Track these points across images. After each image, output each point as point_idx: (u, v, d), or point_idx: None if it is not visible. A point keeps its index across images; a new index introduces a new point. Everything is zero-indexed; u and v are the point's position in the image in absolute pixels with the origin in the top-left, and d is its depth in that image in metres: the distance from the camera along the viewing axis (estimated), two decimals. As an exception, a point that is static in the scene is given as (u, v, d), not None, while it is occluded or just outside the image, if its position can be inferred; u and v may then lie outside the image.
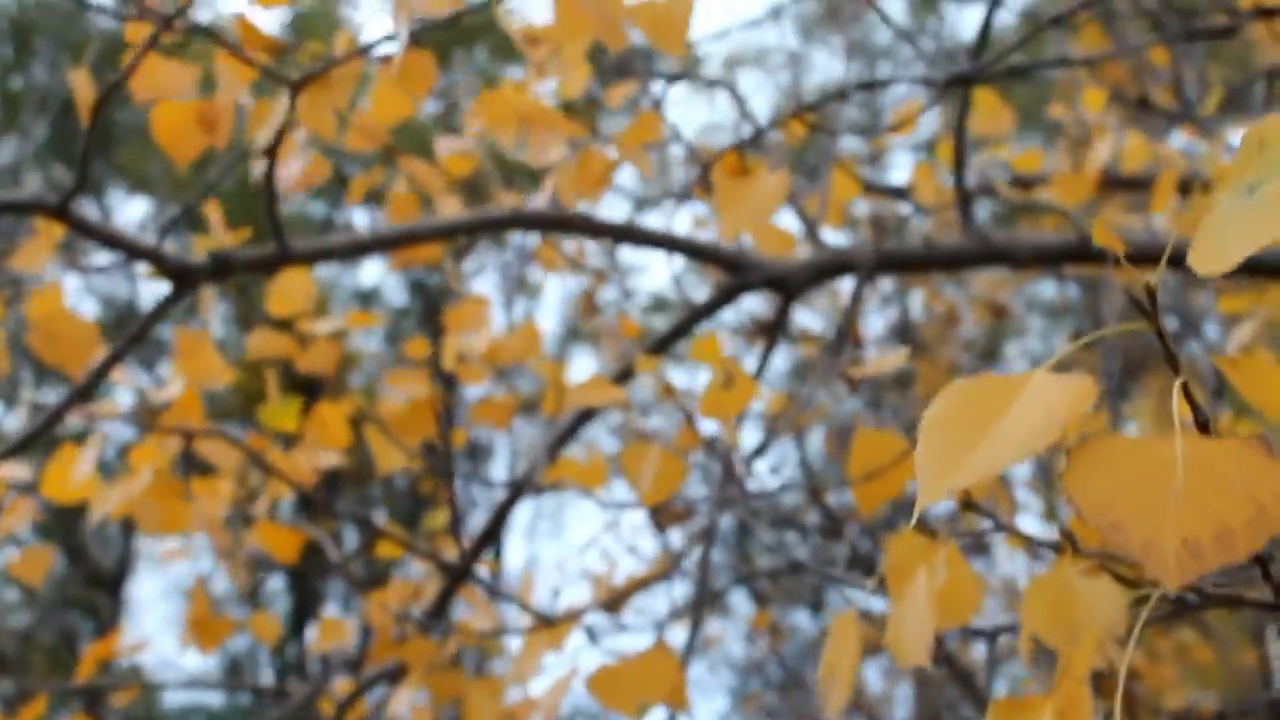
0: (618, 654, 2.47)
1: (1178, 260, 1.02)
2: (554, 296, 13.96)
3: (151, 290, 14.49)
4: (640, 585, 2.97)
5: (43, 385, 12.80)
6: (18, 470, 3.26)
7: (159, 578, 15.16)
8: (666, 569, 2.84)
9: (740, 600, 10.17)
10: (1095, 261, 3.44)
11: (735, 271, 3.24)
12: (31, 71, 14.57)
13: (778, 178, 2.45)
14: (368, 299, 13.97)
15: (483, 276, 12.58)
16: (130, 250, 2.80)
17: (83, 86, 2.71)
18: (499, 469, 12.57)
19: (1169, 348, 1.04)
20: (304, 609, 13.69)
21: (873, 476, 2.15)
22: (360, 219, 14.70)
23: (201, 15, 2.61)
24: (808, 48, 10.75)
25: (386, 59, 2.77)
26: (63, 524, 11.62)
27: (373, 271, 14.65)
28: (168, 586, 15.10)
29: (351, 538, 10.79)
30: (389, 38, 2.62)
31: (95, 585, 13.79)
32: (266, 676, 13.63)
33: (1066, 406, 0.91)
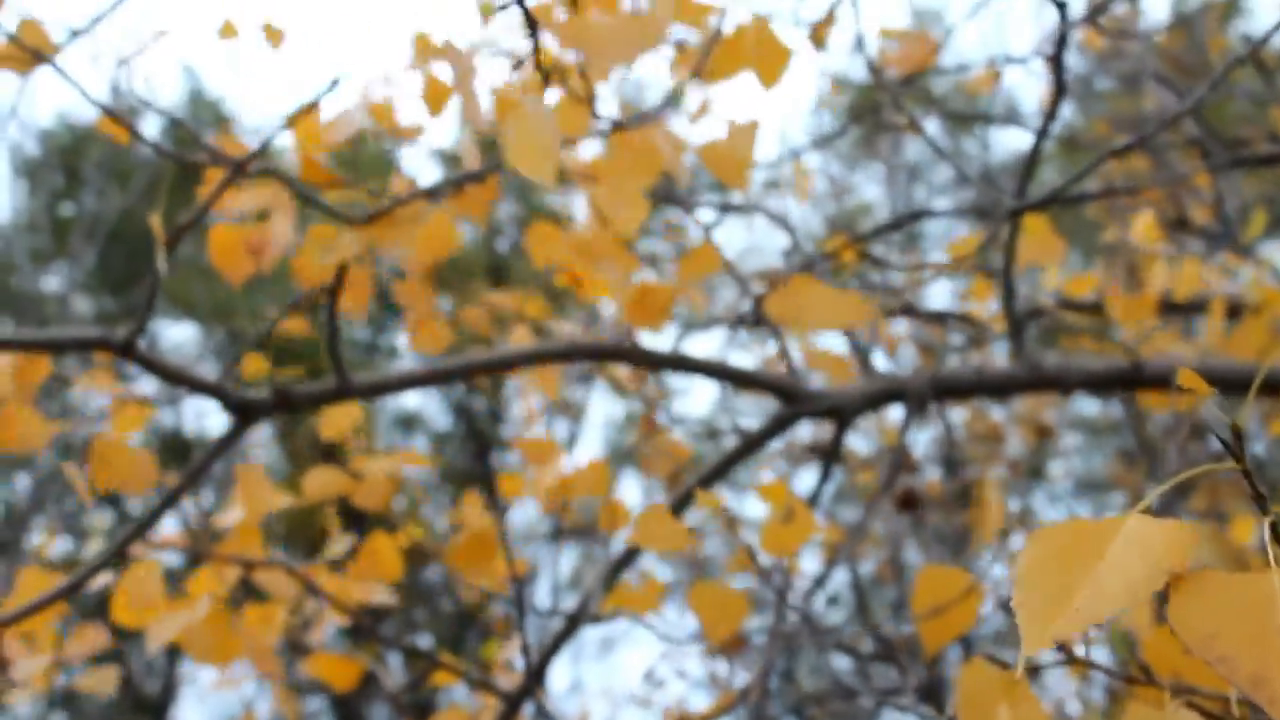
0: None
1: (1226, 383, 1.04)
2: (598, 417, 13.99)
3: (197, 414, 14.60)
4: (715, 714, 2.96)
5: (88, 511, 12.86)
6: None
7: (204, 705, 15.11)
8: (730, 704, 2.83)
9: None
10: (1148, 387, 3.45)
11: (789, 400, 3.26)
12: (80, 199, 14.79)
13: (846, 293, 2.49)
14: (411, 422, 14.03)
15: (524, 400, 12.59)
16: (194, 386, 2.85)
17: (156, 226, 2.77)
18: (542, 592, 12.54)
19: (1256, 488, 1.05)
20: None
21: (937, 614, 2.15)
22: (404, 342, 14.80)
23: (257, 142, 2.68)
24: (847, 171, 10.84)
25: (452, 191, 2.82)
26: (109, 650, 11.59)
27: (413, 398, 14.73)
28: (212, 714, 15.05)
29: (397, 662, 10.76)
30: (465, 178, 2.67)
31: (141, 712, 13.75)
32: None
33: (1167, 553, 0.92)
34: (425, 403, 14.65)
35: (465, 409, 14.20)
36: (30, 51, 2.52)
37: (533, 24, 1.67)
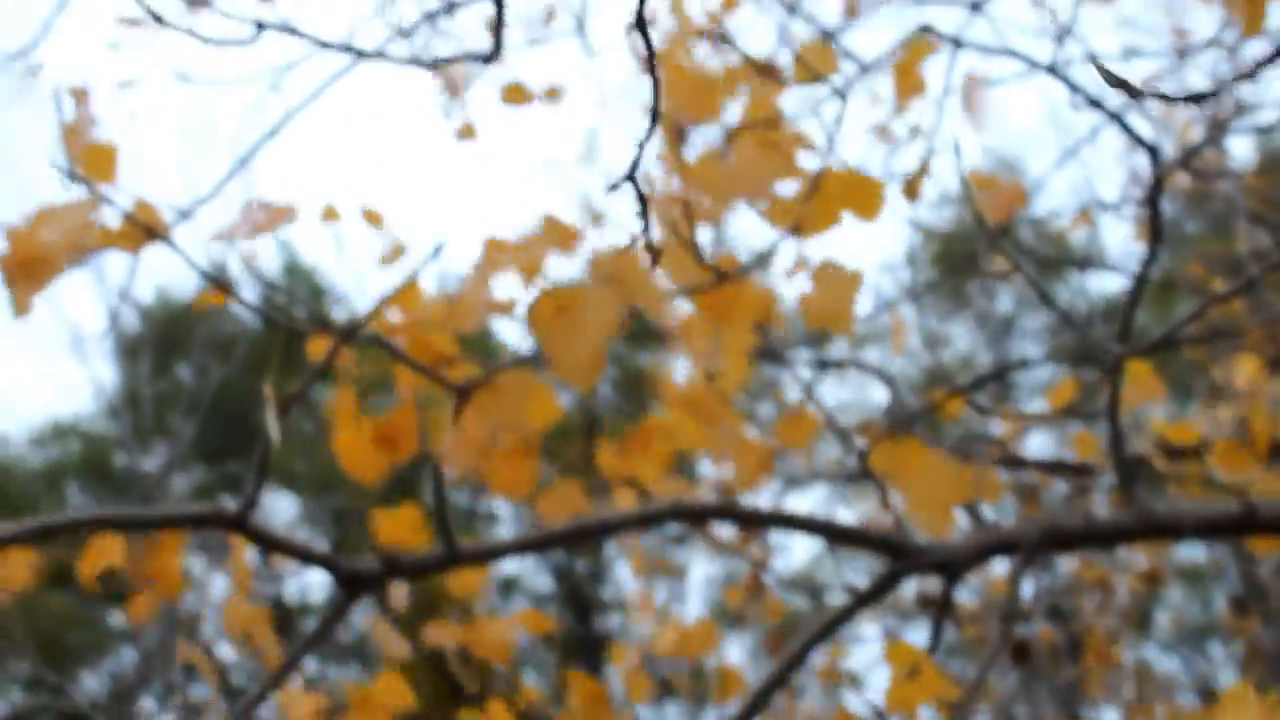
0: None
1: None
2: (698, 577, 13.91)
3: (301, 586, 14.66)
4: None
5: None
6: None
7: None
8: None
9: None
10: (1263, 532, 3.38)
11: (897, 555, 3.22)
12: (179, 375, 15.05)
13: (951, 463, 2.47)
14: (510, 585, 14.02)
15: (625, 561, 12.56)
16: (305, 558, 2.86)
17: (270, 394, 2.81)
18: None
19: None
20: None
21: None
22: (501, 508, 14.86)
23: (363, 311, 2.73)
24: (940, 323, 10.83)
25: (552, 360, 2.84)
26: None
27: (513, 561, 14.71)
28: None
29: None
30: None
31: None
32: None
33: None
34: (525, 565, 14.65)
35: (566, 571, 14.17)
36: (144, 230, 2.59)
37: (644, 203, 1.69)
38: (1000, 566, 5.59)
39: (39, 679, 12.15)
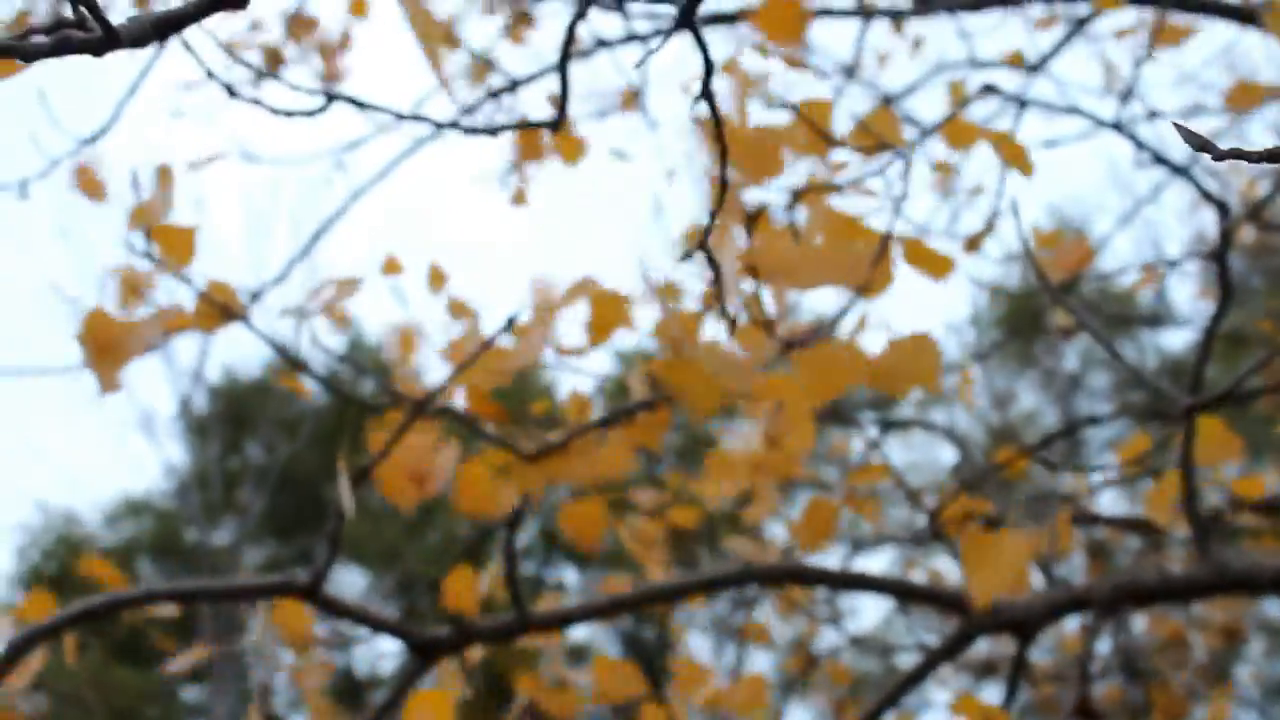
0: None
1: None
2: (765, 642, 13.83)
3: (372, 656, 14.69)
4: None
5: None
6: None
7: None
8: None
9: None
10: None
11: (968, 614, 3.21)
12: (248, 452, 15.18)
13: (1024, 537, 2.47)
14: (580, 653, 13.99)
15: (693, 628, 12.53)
16: (376, 626, 2.89)
17: (342, 467, 2.84)
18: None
19: None
20: None
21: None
22: (568, 575, 14.87)
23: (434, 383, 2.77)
24: (1006, 382, 10.79)
25: (624, 420, 2.86)
26: None
27: (583, 627, 14.70)
28: None
29: None
30: (636, 407, 2.72)
31: None
32: None
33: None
34: (594, 633, 14.61)
35: (635, 638, 14.13)
36: (220, 310, 2.63)
37: (716, 268, 1.71)
38: (1073, 624, 5.54)
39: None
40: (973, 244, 3.27)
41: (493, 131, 2.16)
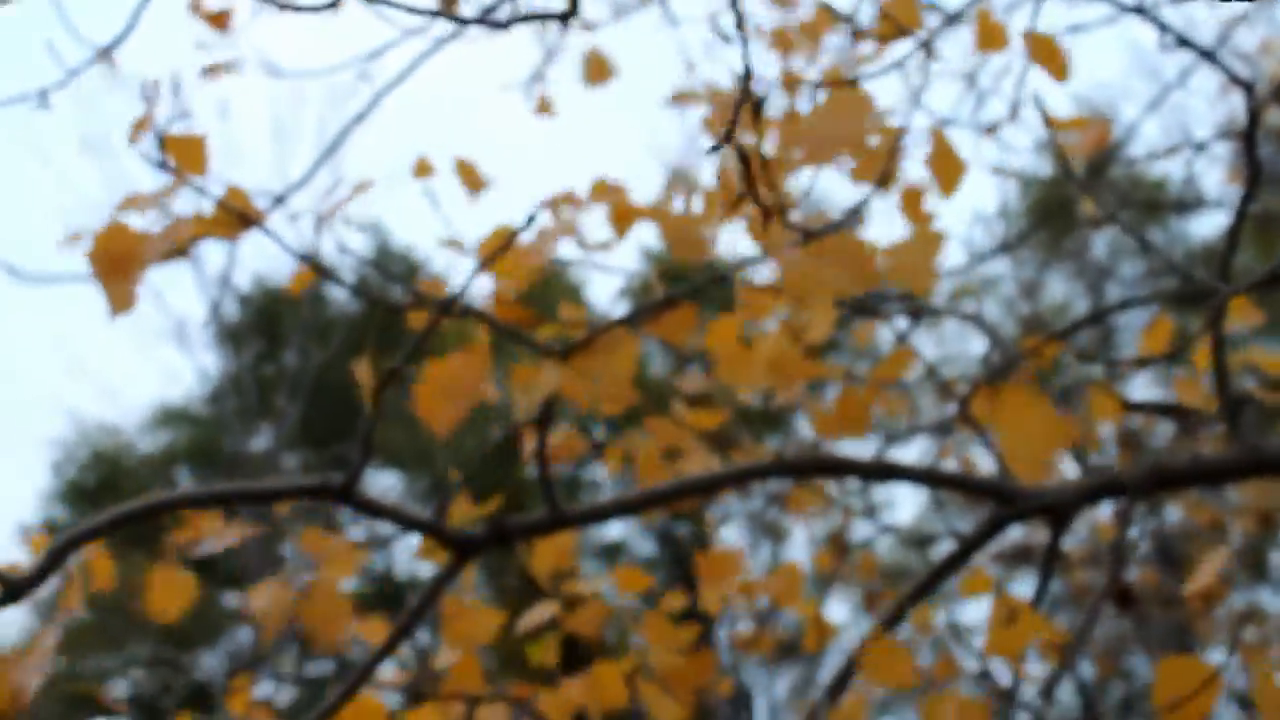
0: None
1: None
2: (801, 539, 13.90)
3: (408, 558, 14.83)
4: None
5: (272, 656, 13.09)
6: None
7: None
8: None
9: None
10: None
11: (1003, 501, 3.22)
12: (282, 359, 15.24)
13: (1051, 409, 2.46)
14: (614, 552, 14.10)
15: (729, 524, 12.61)
16: (411, 524, 2.91)
17: (365, 373, 2.85)
18: (760, 715, 12.42)
19: None
20: None
21: (1180, 705, 2.10)
22: (599, 474, 14.91)
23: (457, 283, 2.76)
24: (1035, 274, 10.74)
25: (648, 317, 2.87)
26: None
27: (617, 526, 14.80)
28: None
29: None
30: (660, 303, 2.72)
31: None
32: None
33: None
34: (628, 531, 14.71)
35: (669, 535, 14.22)
36: (239, 217, 2.63)
37: (746, 161, 1.70)
38: (1107, 511, 5.55)
39: (159, 659, 12.41)
40: (994, 130, 3.24)
41: (505, 25, 2.14)
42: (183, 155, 2.54)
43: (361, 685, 3.08)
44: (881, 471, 3.18)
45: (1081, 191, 3.05)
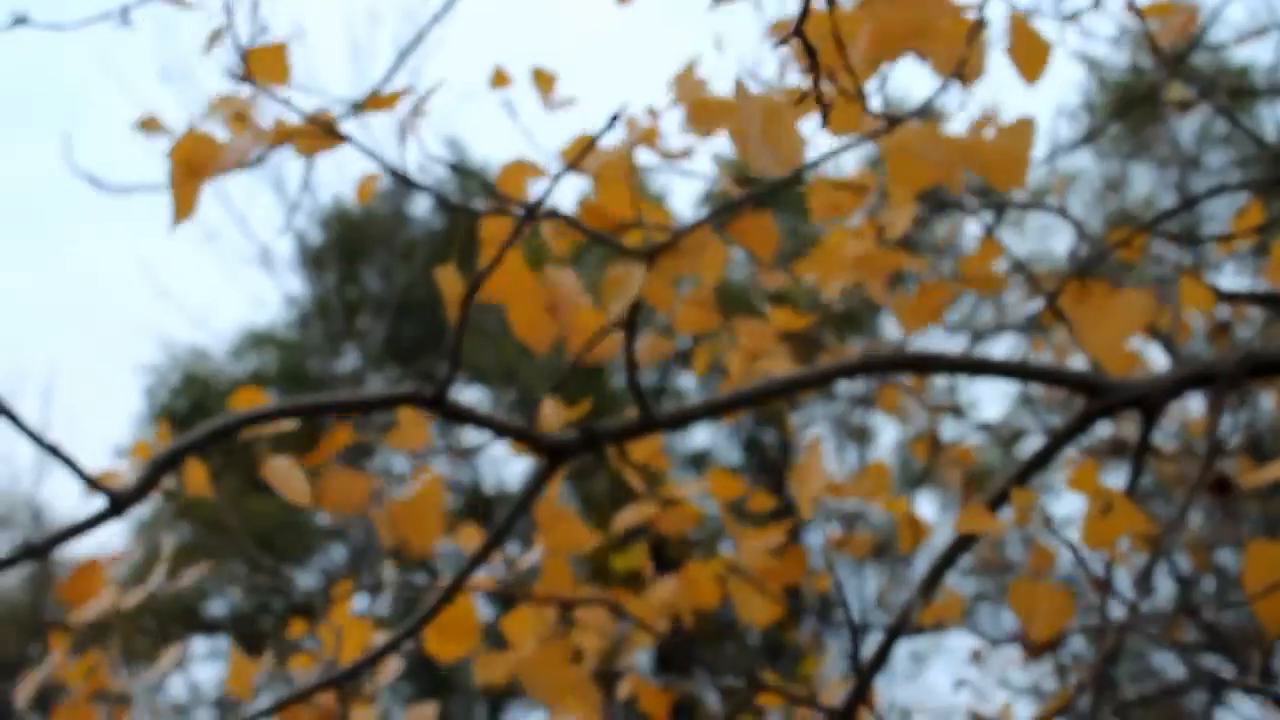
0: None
1: None
2: (887, 441, 13.90)
3: (495, 467, 14.97)
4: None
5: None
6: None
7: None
8: (1064, 703, 2.78)
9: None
10: None
11: (1092, 394, 3.20)
12: (365, 280, 15.35)
13: (1138, 295, 2.43)
14: (701, 460, 14.16)
15: (814, 428, 12.61)
16: (503, 431, 2.93)
17: (449, 283, 2.87)
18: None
19: None
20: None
21: (1271, 590, 2.09)
22: (686, 382, 14.95)
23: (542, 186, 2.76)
24: (1119, 166, 10.58)
25: (729, 218, 2.86)
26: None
27: (703, 434, 14.86)
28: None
29: (709, 699, 10.82)
30: (739, 201, 2.71)
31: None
32: None
33: None
34: (715, 440, 14.76)
35: (755, 442, 14.25)
36: (321, 127, 2.63)
37: (813, 54, 1.68)
38: (1198, 405, 5.50)
39: (255, 580, 12.63)
40: (1075, 18, 3.19)
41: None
42: (263, 67, 2.55)
43: (458, 591, 3.12)
44: (971, 366, 3.17)
45: (1169, 75, 3.00)
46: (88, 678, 3.33)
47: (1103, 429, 6.28)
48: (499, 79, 2.93)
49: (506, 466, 15.36)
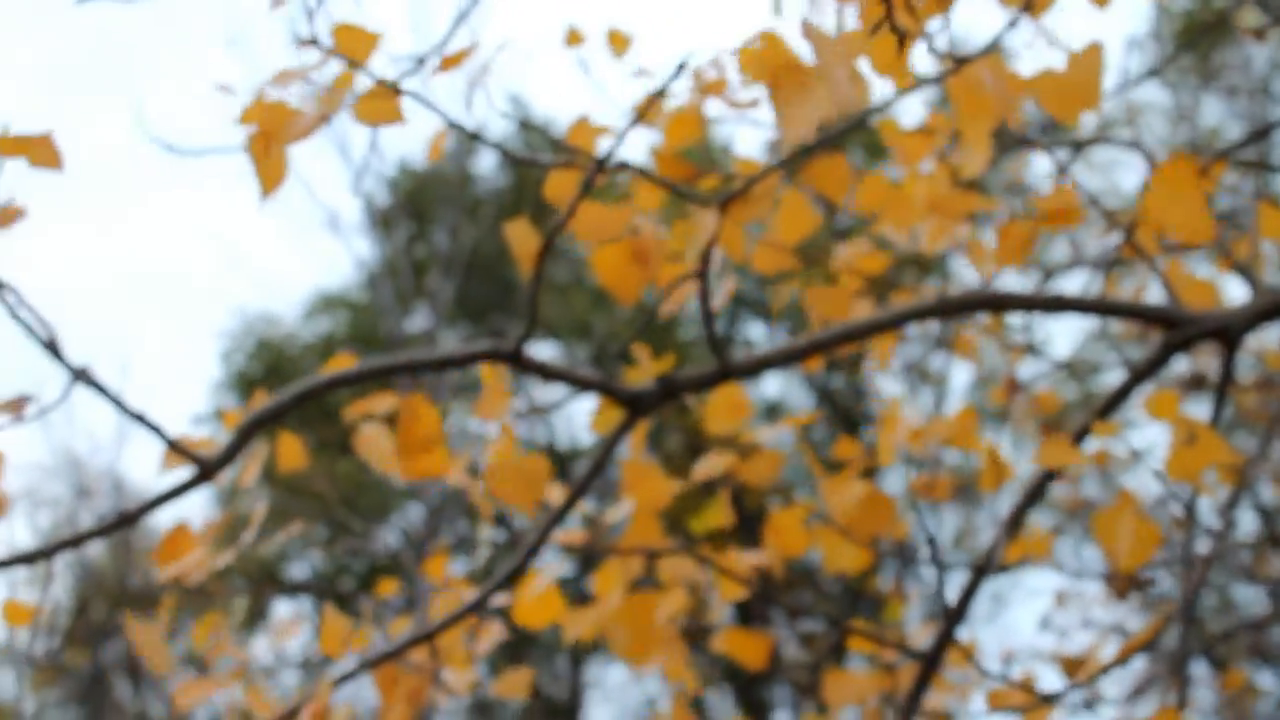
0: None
1: None
2: (960, 384, 13.81)
3: (568, 426, 15.03)
4: (1124, 657, 2.91)
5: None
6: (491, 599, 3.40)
7: (610, 705, 15.56)
8: (1148, 638, 2.78)
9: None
10: None
11: (1172, 327, 3.17)
12: (433, 239, 15.39)
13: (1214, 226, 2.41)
14: (774, 410, 14.14)
15: (886, 374, 12.56)
16: (583, 384, 2.95)
17: (521, 238, 2.88)
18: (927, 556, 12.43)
19: None
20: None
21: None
22: (756, 332, 14.95)
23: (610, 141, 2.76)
24: (1187, 98, 10.45)
25: (800, 165, 2.86)
26: (516, 660, 12.09)
27: (775, 384, 14.84)
28: (618, 714, 15.47)
29: (789, 647, 10.86)
30: (809, 149, 2.70)
31: (554, 717, 14.23)
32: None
33: None
34: (787, 389, 14.74)
35: (827, 390, 14.22)
36: (390, 92, 2.63)
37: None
38: (1277, 336, 5.44)
39: (337, 542, 12.75)
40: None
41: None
42: (345, 42, 2.55)
43: (541, 546, 3.15)
44: (1048, 303, 3.14)
45: (1241, 1, 2.96)
46: (207, 644, 3.39)
47: (1180, 365, 6.24)
48: (573, 37, 2.93)
49: (580, 424, 15.42)
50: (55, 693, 14.97)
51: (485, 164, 16.16)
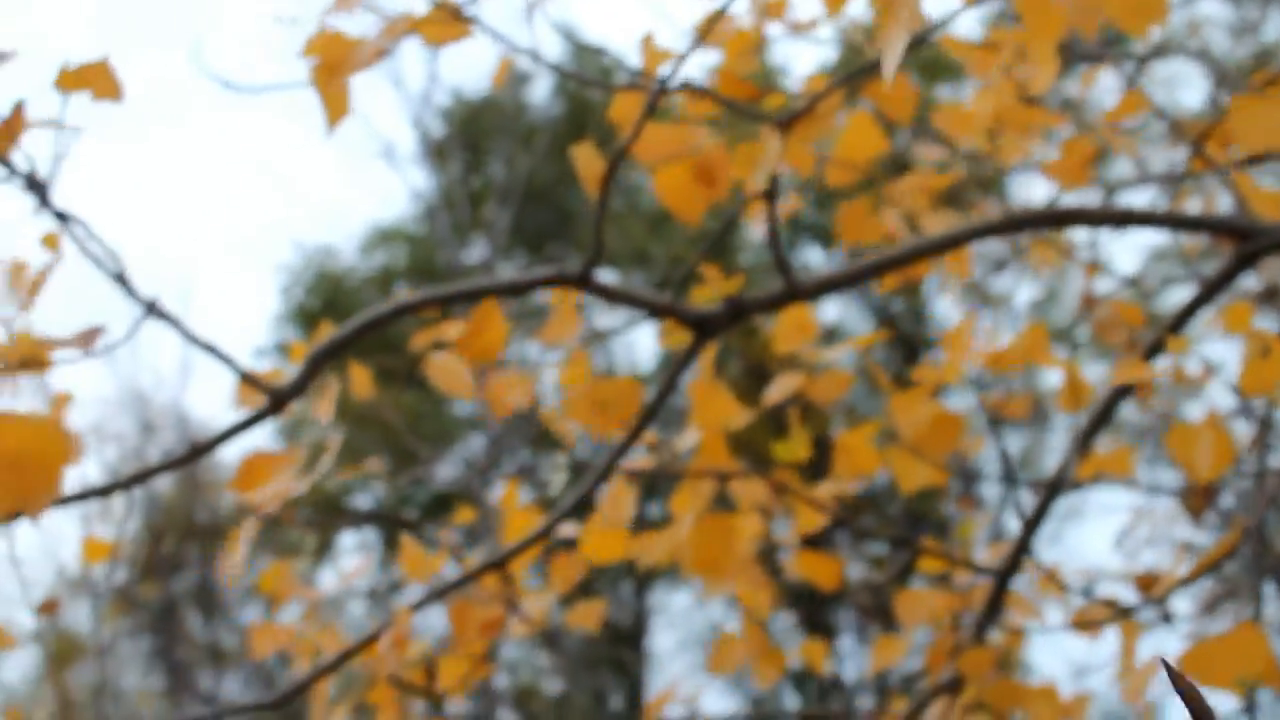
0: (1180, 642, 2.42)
1: None
2: (1021, 304, 13.73)
3: (628, 352, 15.04)
4: (1200, 572, 2.89)
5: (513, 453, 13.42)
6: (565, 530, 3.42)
7: (674, 630, 15.66)
8: (1223, 554, 2.76)
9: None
10: None
11: (1243, 239, 3.13)
12: (489, 170, 15.39)
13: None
14: (833, 334, 14.11)
15: (945, 296, 12.50)
16: (651, 308, 2.94)
17: (587, 161, 2.87)
18: (992, 477, 12.43)
19: None
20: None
21: None
22: (814, 257, 14.88)
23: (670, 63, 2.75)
24: (1254, 8, 10.28)
25: (863, 83, 2.83)
26: (582, 588, 12.18)
27: (833, 308, 14.80)
28: (683, 639, 15.57)
29: (854, 569, 10.87)
30: (868, 68, 2.68)
31: (619, 643, 14.34)
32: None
33: None
34: (845, 313, 14.69)
35: (887, 313, 14.18)
36: (449, 13, 2.63)
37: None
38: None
39: (400, 472, 12.83)
40: None
41: None
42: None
43: (611, 473, 3.15)
44: (1118, 218, 3.11)
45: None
46: (279, 580, 3.43)
47: (1248, 281, 6.16)
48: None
49: (641, 351, 15.43)
50: (128, 624, 15.20)
51: (539, 93, 16.14)
